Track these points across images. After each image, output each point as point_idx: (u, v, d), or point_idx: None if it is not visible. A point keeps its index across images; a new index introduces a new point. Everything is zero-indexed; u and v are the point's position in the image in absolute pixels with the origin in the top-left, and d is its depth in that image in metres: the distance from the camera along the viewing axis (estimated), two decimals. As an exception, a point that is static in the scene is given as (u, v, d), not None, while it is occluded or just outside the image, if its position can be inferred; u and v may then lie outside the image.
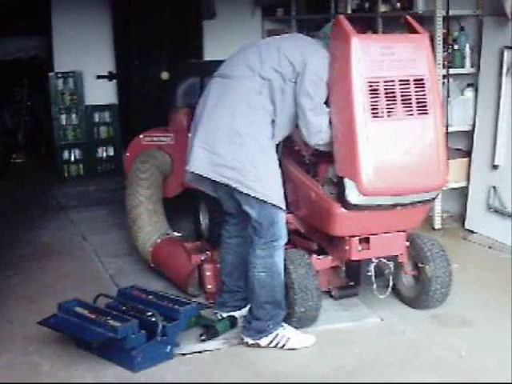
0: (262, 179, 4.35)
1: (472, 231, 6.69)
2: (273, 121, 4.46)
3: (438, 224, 6.88)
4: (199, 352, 4.49)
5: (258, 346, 4.50)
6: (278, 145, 4.65)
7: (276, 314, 4.51)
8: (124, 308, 4.56)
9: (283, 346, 4.49)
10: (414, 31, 4.61)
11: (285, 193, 4.52)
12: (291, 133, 4.76)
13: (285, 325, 4.56)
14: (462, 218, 6.93)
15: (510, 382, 4.03)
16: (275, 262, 4.45)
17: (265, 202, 4.34)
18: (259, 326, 4.49)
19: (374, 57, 4.37)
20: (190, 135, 4.69)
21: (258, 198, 4.34)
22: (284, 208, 4.44)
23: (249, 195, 4.35)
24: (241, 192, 4.37)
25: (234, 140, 4.34)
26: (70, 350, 4.51)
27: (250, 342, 4.52)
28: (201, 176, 4.55)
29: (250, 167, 4.33)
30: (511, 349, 4.38)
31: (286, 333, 4.52)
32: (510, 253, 6.10)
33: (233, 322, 4.76)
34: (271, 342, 4.49)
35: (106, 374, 4.25)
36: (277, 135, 4.54)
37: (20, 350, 4.56)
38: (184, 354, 4.45)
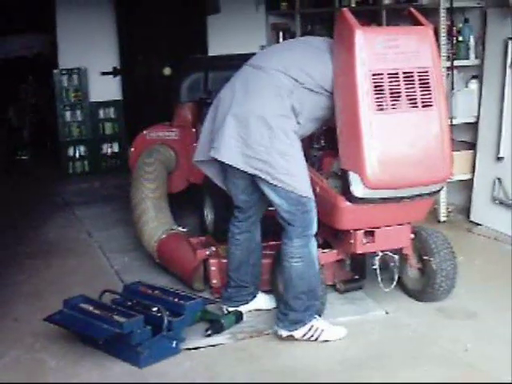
0: (291, 171, 4.34)
1: (477, 223, 6.67)
2: (297, 120, 4.45)
3: (443, 216, 6.86)
4: (205, 347, 4.49)
5: (292, 337, 4.47)
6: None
7: (311, 304, 4.49)
8: (130, 304, 4.56)
9: (317, 338, 4.48)
10: (418, 23, 4.59)
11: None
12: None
13: (317, 317, 4.55)
14: (466, 210, 6.92)
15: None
16: (310, 251, 4.45)
17: (294, 192, 4.35)
18: (295, 317, 4.46)
19: (378, 49, 4.35)
20: (209, 119, 4.67)
21: (287, 190, 4.34)
22: (313, 198, 4.43)
23: (278, 186, 4.34)
24: (270, 184, 4.35)
25: (266, 133, 4.33)
26: (76, 346, 4.51)
27: (285, 334, 4.48)
28: (216, 163, 4.57)
29: (280, 160, 4.31)
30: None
31: (320, 325, 4.50)
32: (516, 245, 6.10)
33: (238, 316, 4.75)
34: (306, 333, 4.47)
35: (112, 370, 4.25)
36: (299, 134, 4.52)
37: (26, 347, 4.56)
38: (190, 349, 4.44)
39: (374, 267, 4.77)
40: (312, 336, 4.48)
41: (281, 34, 10.27)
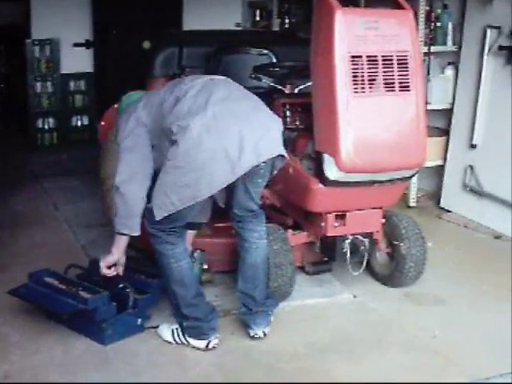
0: None
1: (447, 210, 6.69)
2: None
3: (412, 202, 6.87)
4: (171, 325, 4.45)
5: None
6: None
7: None
8: (95, 279, 4.49)
9: None
10: (398, 6, 4.55)
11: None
12: None
13: None
14: (436, 196, 6.93)
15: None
16: None
17: None
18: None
19: (358, 31, 4.29)
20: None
21: None
22: None
23: None
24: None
25: None
26: (39, 320, 4.44)
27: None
28: None
29: None
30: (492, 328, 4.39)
31: None
32: (485, 232, 6.11)
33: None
34: None
35: (75, 346, 4.19)
36: None
37: (-12, 320, 4.50)
38: (155, 328, 4.39)
39: (344, 250, 4.74)
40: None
41: (257, 12, 10.20)
